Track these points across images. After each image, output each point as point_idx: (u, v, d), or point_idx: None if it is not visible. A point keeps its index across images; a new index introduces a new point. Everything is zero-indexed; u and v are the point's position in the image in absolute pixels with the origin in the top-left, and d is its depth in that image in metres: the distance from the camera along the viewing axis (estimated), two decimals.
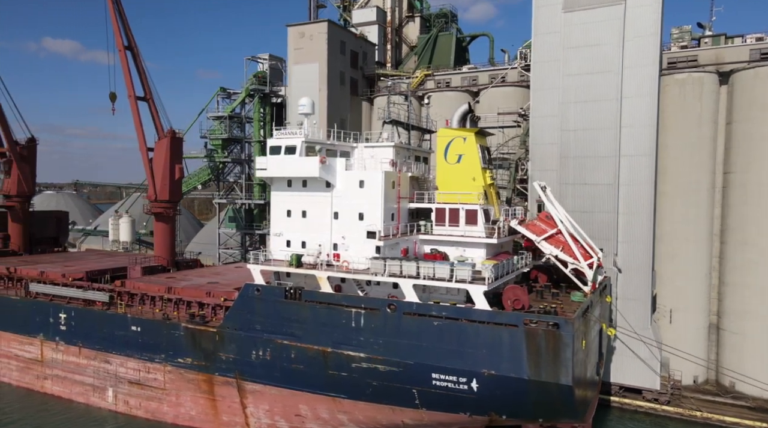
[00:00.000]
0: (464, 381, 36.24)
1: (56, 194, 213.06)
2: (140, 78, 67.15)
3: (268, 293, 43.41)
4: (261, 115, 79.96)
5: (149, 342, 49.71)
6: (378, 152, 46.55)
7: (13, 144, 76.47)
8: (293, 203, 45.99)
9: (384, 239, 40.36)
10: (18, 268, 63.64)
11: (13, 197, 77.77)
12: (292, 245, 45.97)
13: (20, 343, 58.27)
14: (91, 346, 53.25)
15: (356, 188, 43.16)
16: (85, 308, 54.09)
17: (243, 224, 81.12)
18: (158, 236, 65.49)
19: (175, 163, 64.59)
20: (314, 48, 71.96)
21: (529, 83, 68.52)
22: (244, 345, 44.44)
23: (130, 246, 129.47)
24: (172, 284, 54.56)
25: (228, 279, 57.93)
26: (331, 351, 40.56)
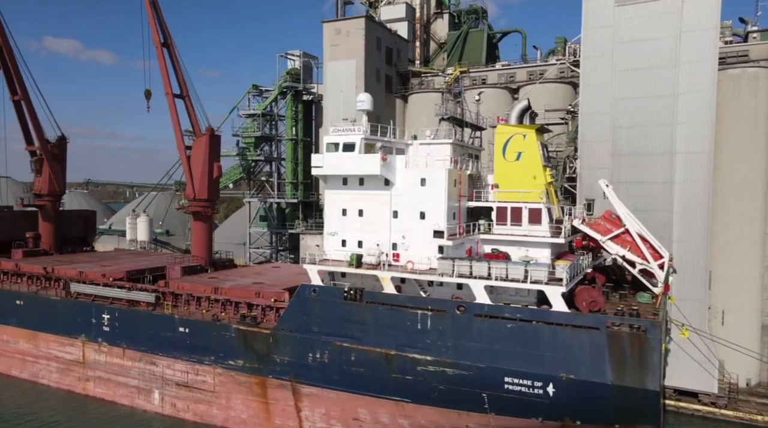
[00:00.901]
0: (539, 385, 35.18)
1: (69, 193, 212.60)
2: (176, 75, 66.20)
3: (326, 294, 42.42)
4: (293, 112, 78.95)
5: (198, 344, 48.78)
6: (434, 150, 45.44)
7: (45, 142, 75.60)
8: (349, 202, 44.96)
9: (451, 238, 39.25)
10: (55, 268, 62.82)
11: (44, 196, 76.87)
12: (348, 244, 44.94)
13: (60, 344, 57.44)
14: (136, 347, 52.37)
15: (417, 186, 42.09)
16: (129, 308, 53.20)
17: (275, 223, 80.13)
18: (196, 235, 64.50)
19: (213, 161, 63.58)
20: (351, 44, 70.84)
21: (572, 80, 67.67)
22: (300, 347, 43.48)
23: (147, 246, 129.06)
24: (217, 284, 53.61)
25: (271, 279, 56.98)
26: (394, 354, 39.56)
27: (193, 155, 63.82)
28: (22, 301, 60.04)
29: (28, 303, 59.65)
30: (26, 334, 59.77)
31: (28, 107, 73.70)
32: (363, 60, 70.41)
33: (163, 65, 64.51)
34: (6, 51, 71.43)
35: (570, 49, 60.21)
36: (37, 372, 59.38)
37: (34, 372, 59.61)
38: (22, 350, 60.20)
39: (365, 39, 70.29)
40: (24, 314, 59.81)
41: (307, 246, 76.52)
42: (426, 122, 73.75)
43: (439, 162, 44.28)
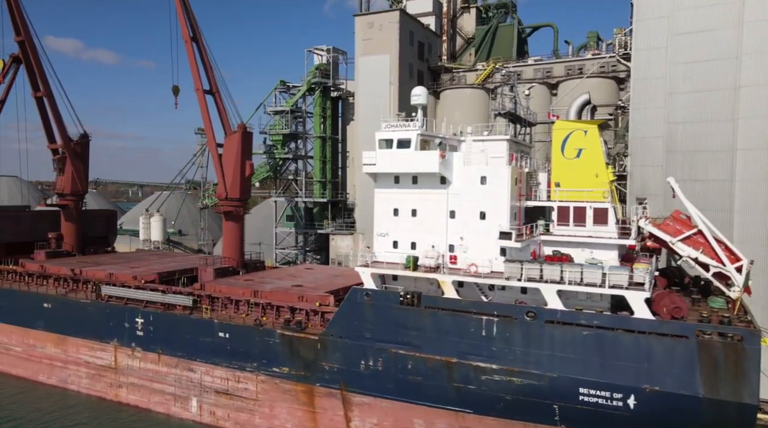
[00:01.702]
0: (619, 397, 32.93)
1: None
2: (206, 71, 64.07)
3: (380, 299, 40.26)
4: (321, 109, 76.79)
5: (239, 350, 46.68)
6: (489, 146, 43.05)
7: (68, 140, 73.63)
8: (401, 201, 42.79)
9: (519, 240, 36.99)
10: (83, 269, 60.83)
11: (66, 195, 74.95)
12: (400, 246, 42.79)
13: (91, 349, 55.42)
14: (173, 353, 50.29)
15: (477, 184, 39.88)
16: (164, 312, 51.13)
17: (303, 223, 78.00)
18: (228, 236, 62.35)
19: (245, 159, 61.46)
20: (384, 39, 68.64)
21: (615, 74, 65.35)
22: (352, 354, 41.32)
23: (161, 246, 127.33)
24: (255, 287, 51.53)
25: (308, 282, 54.85)
26: (456, 362, 37.36)
27: (225, 153, 61.71)
28: (50, 304, 58.06)
29: (56, 306, 57.66)
30: (54, 338, 57.77)
31: (51, 104, 71.76)
32: (397, 55, 68.22)
33: (192, 60, 62.43)
34: (29, 46, 69.52)
35: (621, 40, 57.74)
36: (66, 378, 57.39)
37: (63, 377, 57.62)
38: (50, 354, 58.22)
39: (399, 33, 68.07)
40: (52, 318, 57.82)
41: (338, 247, 74.54)
42: (460, 118, 71.53)
43: (494, 159, 42.06)
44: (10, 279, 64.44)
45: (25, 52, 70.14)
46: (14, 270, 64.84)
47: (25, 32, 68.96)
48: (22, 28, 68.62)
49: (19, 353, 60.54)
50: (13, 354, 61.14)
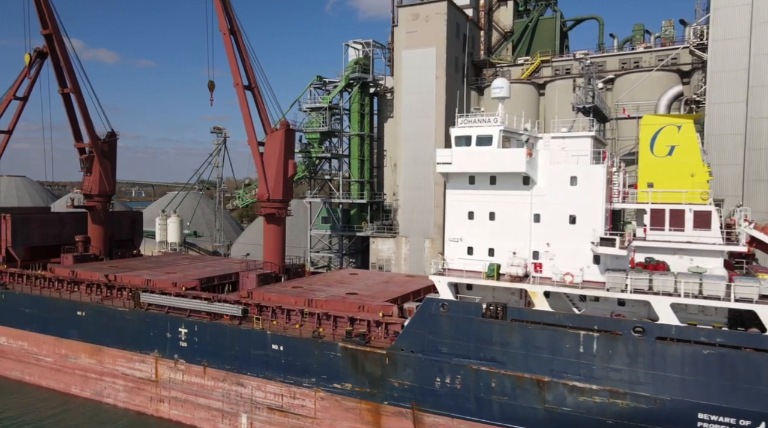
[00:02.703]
0: (747, 424, 29.39)
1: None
2: (244, 65, 60.69)
3: (458, 310, 36.79)
4: (360, 106, 73.34)
5: (295, 364, 43.27)
6: (570, 144, 39.45)
7: (96, 139, 70.37)
8: (477, 203, 39.29)
9: (623, 247, 33.44)
10: (118, 275, 57.56)
11: (94, 196, 71.75)
12: (476, 252, 39.31)
13: (129, 360, 52.11)
14: (220, 366, 46.93)
15: (566, 185, 36.37)
16: (211, 322, 47.76)
17: (339, 225, 74.56)
18: (269, 240, 58.89)
19: (288, 158, 58.08)
20: (430, 31, 65.14)
21: (678, 67, 61.72)
22: (425, 370, 37.88)
23: (178, 248, 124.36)
24: (307, 295, 48.18)
25: (359, 288, 51.48)
26: (549, 381, 33.88)
27: (267, 152, 58.28)
28: (84, 312, 54.76)
29: (90, 314, 54.36)
30: (89, 348, 54.48)
31: (79, 101, 68.43)
32: (444, 47, 64.71)
33: (231, 54, 59.11)
34: (57, 40, 66.21)
35: (697, 30, 54.11)
36: (101, 391, 54.09)
37: (98, 390, 54.32)
38: (84, 365, 54.93)
39: (447, 24, 64.54)
40: (86, 327, 54.53)
41: (378, 251, 71.16)
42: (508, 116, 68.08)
43: (579, 158, 38.53)
44: (38, 285, 61.27)
45: (51, 46, 66.84)
46: (43, 276, 61.57)
47: (53, 25, 65.65)
48: (49, 20, 65.31)
49: (50, 364, 57.27)
50: (43, 364, 57.88)
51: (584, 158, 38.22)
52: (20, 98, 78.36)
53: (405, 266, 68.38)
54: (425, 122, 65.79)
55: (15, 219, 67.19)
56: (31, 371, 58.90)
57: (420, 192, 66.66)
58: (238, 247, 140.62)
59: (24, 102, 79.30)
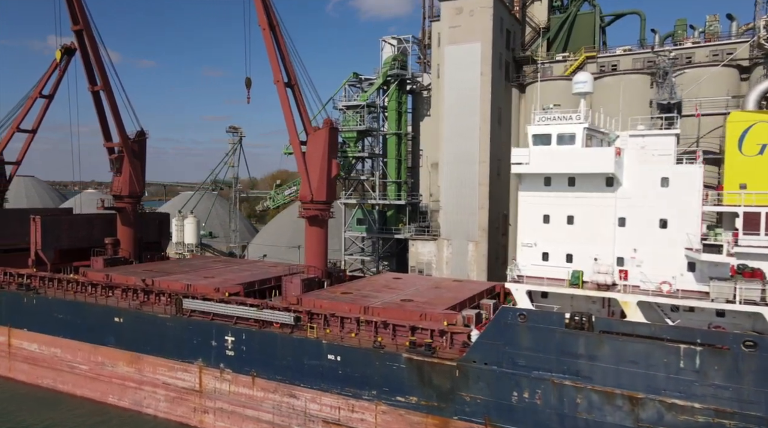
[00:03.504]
0: None
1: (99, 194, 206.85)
2: (283, 61, 58.40)
3: (538, 321, 34.41)
4: (397, 104, 71.01)
5: (354, 375, 40.98)
6: (650, 142, 37.08)
7: (126, 138, 68.26)
8: (554, 206, 36.95)
9: (731, 255, 31.01)
10: (156, 280, 55.40)
11: (124, 197, 69.67)
12: (552, 258, 36.98)
13: (170, 369, 49.90)
14: (270, 376, 44.67)
15: (655, 187, 34.00)
16: (260, 330, 45.50)
17: (376, 227, 72.20)
18: (312, 243, 56.55)
19: (332, 158, 55.78)
20: (475, 25, 62.67)
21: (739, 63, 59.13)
22: (501, 383, 35.55)
23: (194, 249, 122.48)
24: (362, 302, 45.91)
25: (412, 294, 49.16)
26: (643, 398, 31.49)
27: (310, 151, 55.96)
28: (122, 318, 52.59)
29: (129, 321, 52.19)
30: (127, 356, 52.31)
31: (109, 99, 66.30)
32: (490, 43, 62.20)
33: (272, 50, 56.81)
34: (88, 36, 64.10)
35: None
36: (141, 401, 51.89)
37: (137, 400, 52.13)
38: (122, 374, 52.77)
39: (492, 19, 62.09)
40: (124, 334, 52.36)
41: (418, 254, 68.79)
42: None
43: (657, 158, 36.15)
44: (71, 289, 59.15)
45: (82, 42, 64.75)
46: (75, 280, 59.45)
47: (84, 21, 63.54)
48: (80, 16, 63.22)
49: (86, 371, 55.14)
50: (78, 372, 55.76)
51: (667, 157, 35.87)
52: (45, 96, 76.56)
53: (447, 269, 65.99)
54: (469, 120, 63.37)
55: (45, 221, 65.23)
56: (65, 379, 56.77)
57: (463, 193, 64.23)
58: (254, 248, 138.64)
59: (49, 100, 77.46)
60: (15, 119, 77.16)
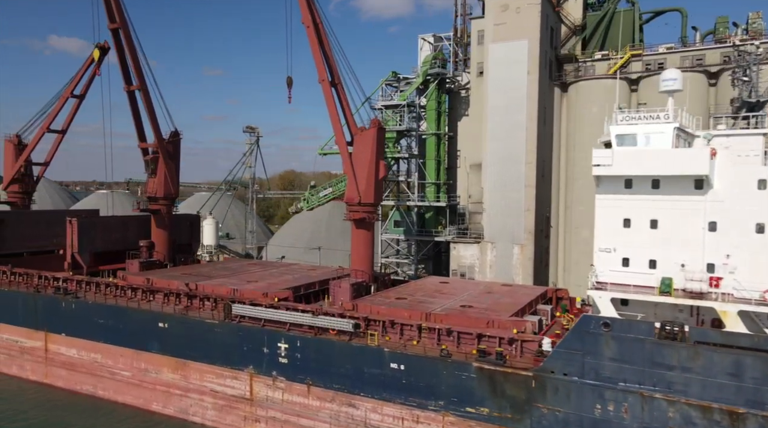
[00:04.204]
0: None
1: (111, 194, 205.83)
2: (327, 60, 56.93)
3: (624, 330, 32.77)
4: (437, 103, 69.50)
5: (419, 384, 39.43)
6: (736, 142, 35.47)
7: (162, 139, 66.94)
8: (636, 210, 35.33)
9: None
10: (200, 284, 54.01)
11: (159, 199, 68.35)
12: (633, 264, 35.38)
13: (219, 376, 48.48)
14: (327, 385, 43.17)
15: (752, 189, 32.33)
16: (316, 337, 44.04)
17: (414, 229, 70.69)
18: (359, 246, 55.04)
19: (379, 159, 54.30)
20: (522, 23, 61.15)
21: None
22: (582, 395, 33.94)
23: (214, 251, 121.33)
24: (420, 308, 44.41)
25: (469, 300, 47.67)
26: (744, 413, 29.85)
27: (357, 152, 54.49)
28: (166, 323, 51.19)
29: (174, 326, 50.79)
30: (172, 363, 50.90)
31: (145, 99, 65.04)
32: (538, 40, 60.72)
33: (316, 48, 55.42)
34: (125, 35, 62.81)
35: None
36: (187, 408, 50.48)
37: (183, 407, 50.73)
38: (167, 381, 51.36)
39: (540, 16, 60.51)
40: (169, 339, 50.95)
41: (460, 257, 67.24)
42: (598, 113, 63.94)
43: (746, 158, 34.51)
44: (110, 293, 57.85)
45: (118, 40, 63.47)
46: (115, 283, 58.11)
47: (121, 18, 62.27)
48: (117, 13, 61.97)
49: (128, 378, 53.76)
50: (119, 379, 54.39)
51: (756, 158, 34.22)
52: (77, 96, 75.40)
53: (490, 273, 64.45)
54: (515, 120, 61.84)
55: (81, 223, 63.94)
56: (105, 385, 55.42)
57: (509, 194, 62.71)
58: (273, 249, 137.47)
59: (80, 100, 76.32)
60: (45, 120, 76.07)
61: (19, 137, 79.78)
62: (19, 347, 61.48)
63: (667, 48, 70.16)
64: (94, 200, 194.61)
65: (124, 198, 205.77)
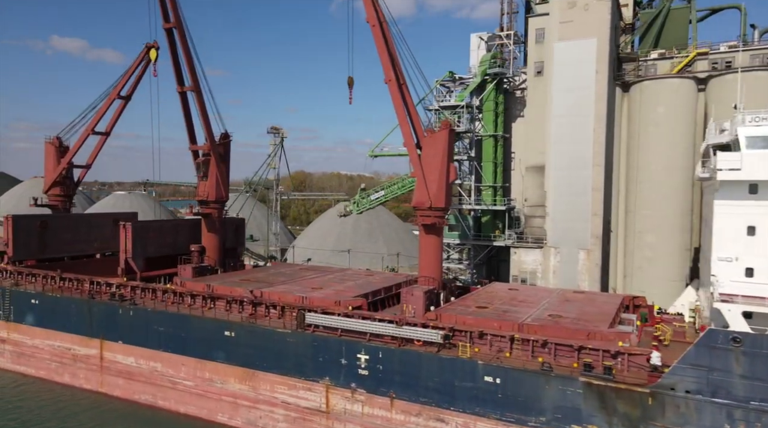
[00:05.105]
0: None
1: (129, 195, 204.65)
2: (391, 59, 55.08)
3: (758, 345, 30.77)
4: (494, 104, 67.60)
5: (517, 399, 37.54)
6: None
7: (214, 141, 65.34)
8: (761, 216, 33.27)
9: None
10: (264, 291, 52.31)
11: (210, 203, 66.74)
12: (758, 274, 33.31)
13: (291, 388, 46.73)
14: (413, 398, 41.33)
15: None
16: (400, 348, 42.19)
17: (471, 234, 68.77)
18: (428, 252, 52.98)
19: (450, 162, 52.40)
20: (591, 20, 59.16)
21: None
22: (708, 415, 31.96)
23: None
24: (509, 318, 42.55)
25: (552, 309, 45.75)
26: None
27: (427, 154, 52.45)
28: (233, 332, 49.50)
29: (241, 335, 49.07)
30: (239, 372, 49.21)
31: (198, 100, 63.41)
32: (607, 38, 58.68)
33: (383, 47, 53.53)
34: (180, 35, 61.22)
35: None
36: (256, 420, 48.75)
37: (251, 419, 49.01)
38: (233, 391, 49.67)
39: (611, 13, 58.47)
40: (236, 349, 49.25)
41: (521, 262, 65.24)
42: (664, 115, 61.98)
43: None
44: (167, 300, 56.27)
45: (172, 41, 61.89)
46: (173, 290, 56.49)
47: (176, 18, 60.70)
48: (173, 13, 60.42)
49: (191, 388, 52.09)
50: (181, 388, 52.74)
51: None
52: (123, 98, 74.04)
53: (554, 279, 62.46)
54: (582, 122, 59.88)
55: (135, 228, 62.44)
56: (166, 395, 53.78)
57: (574, 199, 60.72)
58: (299, 252, 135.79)
59: (126, 101, 74.95)
60: (90, 121, 74.73)
61: (59, 139, 78.57)
62: (72, 354, 59.98)
63: (729, 46, 67.97)
64: (111, 202, 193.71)
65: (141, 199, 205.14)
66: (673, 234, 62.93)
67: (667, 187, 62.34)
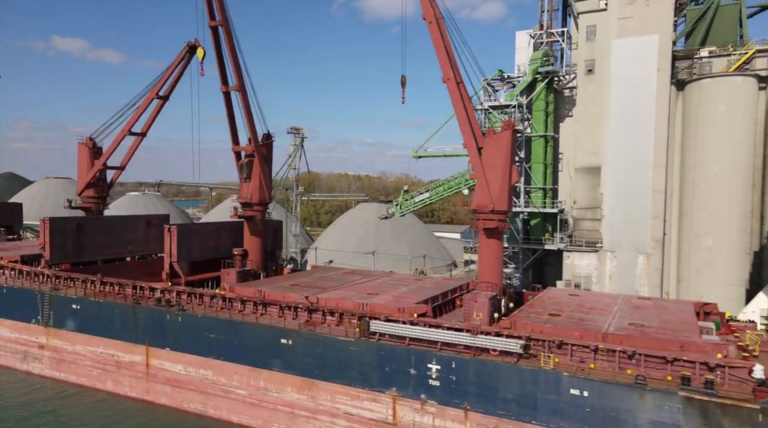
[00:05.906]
0: None
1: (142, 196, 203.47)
2: (448, 57, 53.27)
3: None
4: (545, 103, 65.71)
5: (606, 414, 35.64)
6: None
7: (258, 142, 63.70)
8: None
9: None
10: (320, 297, 50.57)
11: (253, 205, 65.03)
12: None
13: (354, 398, 44.98)
14: (489, 410, 39.49)
15: None
16: (475, 358, 40.37)
17: (520, 237, 66.86)
18: (489, 257, 51.03)
19: (512, 163, 50.53)
20: (652, 15, 57.28)
21: None
22: None
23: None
24: (586, 326, 40.63)
25: (626, 316, 43.81)
26: None
27: (489, 156, 50.49)
28: (290, 340, 47.76)
29: (299, 343, 47.33)
30: (297, 381, 47.51)
31: (243, 100, 61.66)
32: (670, 34, 56.92)
33: (440, 44, 51.76)
34: (226, 32, 59.53)
35: None
36: None
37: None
38: (291, 401, 47.96)
39: (673, 8, 56.53)
40: (293, 357, 47.54)
41: (575, 267, 63.28)
42: (725, 114, 59.94)
43: None
44: (215, 305, 54.61)
45: (218, 39, 60.25)
46: (222, 296, 54.84)
47: (222, 15, 59.00)
48: (219, 10, 58.75)
49: (244, 397, 50.43)
50: (234, 397, 51.09)
51: None
52: (161, 97, 72.54)
53: (610, 284, 60.51)
54: (642, 121, 57.97)
55: (180, 231, 60.88)
56: (217, 404, 52.12)
57: (633, 201, 58.81)
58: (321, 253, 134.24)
59: (164, 101, 73.46)
60: (127, 121, 73.28)
61: (93, 140, 77.21)
62: (116, 361, 58.42)
63: None
64: (126, 202, 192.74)
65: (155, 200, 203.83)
66: (732, 237, 60.85)
67: (727, 188, 60.28)
